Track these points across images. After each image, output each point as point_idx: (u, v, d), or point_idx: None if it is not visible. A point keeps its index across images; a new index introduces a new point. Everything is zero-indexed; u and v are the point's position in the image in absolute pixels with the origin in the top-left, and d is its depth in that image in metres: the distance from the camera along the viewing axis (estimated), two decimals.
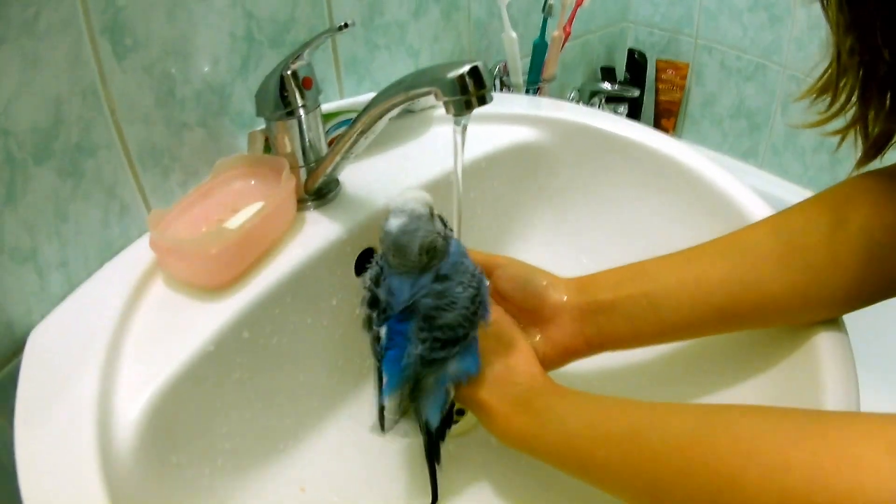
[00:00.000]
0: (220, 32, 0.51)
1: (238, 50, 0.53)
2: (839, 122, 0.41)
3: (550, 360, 0.47)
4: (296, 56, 0.46)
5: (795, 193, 0.98)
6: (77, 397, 0.38)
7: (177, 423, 0.40)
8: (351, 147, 0.45)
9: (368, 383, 0.56)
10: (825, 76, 0.41)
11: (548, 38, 0.79)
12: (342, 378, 0.54)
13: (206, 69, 0.51)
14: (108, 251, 0.49)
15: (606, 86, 0.95)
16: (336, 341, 0.52)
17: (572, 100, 0.98)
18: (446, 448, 0.50)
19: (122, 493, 0.35)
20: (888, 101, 0.38)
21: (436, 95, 0.38)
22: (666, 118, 1.12)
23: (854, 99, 0.39)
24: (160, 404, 0.39)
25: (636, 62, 1.07)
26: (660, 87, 1.09)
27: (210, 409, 0.43)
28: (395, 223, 0.39)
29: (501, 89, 0.82)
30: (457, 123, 0.39)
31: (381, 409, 0.43)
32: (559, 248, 0.67)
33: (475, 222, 0.63)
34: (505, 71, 0.80)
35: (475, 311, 0.41)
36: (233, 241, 0.43)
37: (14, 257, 0.42)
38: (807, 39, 0.91)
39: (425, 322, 0.40)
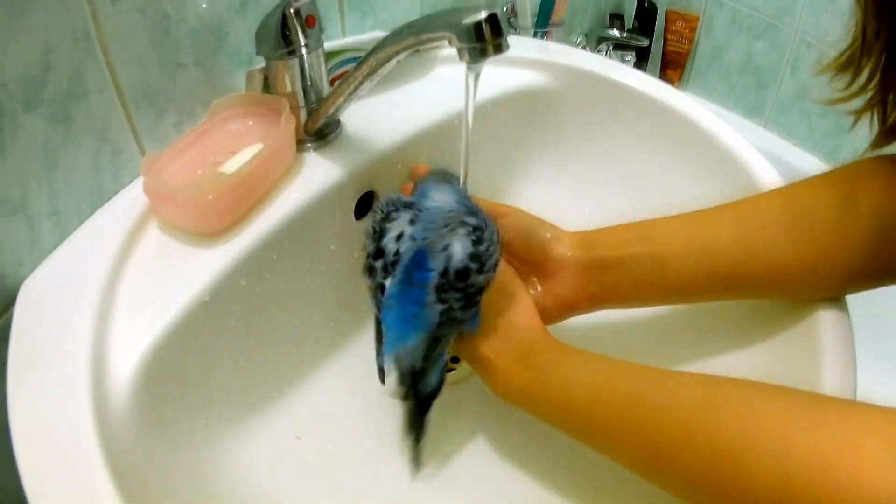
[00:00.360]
0: None
1: None
2: (857, 102, 0.40)
3: (550, 314, 0.46)
4: None
5: (798, 156, 0.97)
6: (70, 352, 0.37)
7: (172, 375, 0.40)
8: (355, 89, 0.44)
9: (365, 331, 0.55)
10: (847, 53, 0.40)
11: None
12: (339, 325, 0.54)
13: (203, 6, 0.48)
14: (100, 198, 0.47)
15: (615, 32, 0.92)
16: (333, 287, 0.52)
17: (579, 44, 0.95)
18: (442, 396, 0.51)
19: (117, 447, 0.35)
20: None
21: (450, 41, 0.36)
22: (672, 69, 1.09)
23: (875, 81, 0.39)
24: (154, 358, 0.38)
25: (646, 10, 1.04)
26: (668, 37, 1.06)
27: (205, 360, 0.42)
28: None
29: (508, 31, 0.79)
30: (470, 70, 0.37)
31: (381, 363, 0.42)
32: (561, 192, 0.66)
33: (478, 164, 0.60)
34: (512, 12, 0.77)
35: (496, 264, 0.40)
36: (230, 186, 0.42)
37: (3, 210, 0.41)
38: (821, 6, 0.88)
39: (458, 280, 0.37)
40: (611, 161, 0.63)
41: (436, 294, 0.37)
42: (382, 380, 0.42)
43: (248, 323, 0.45)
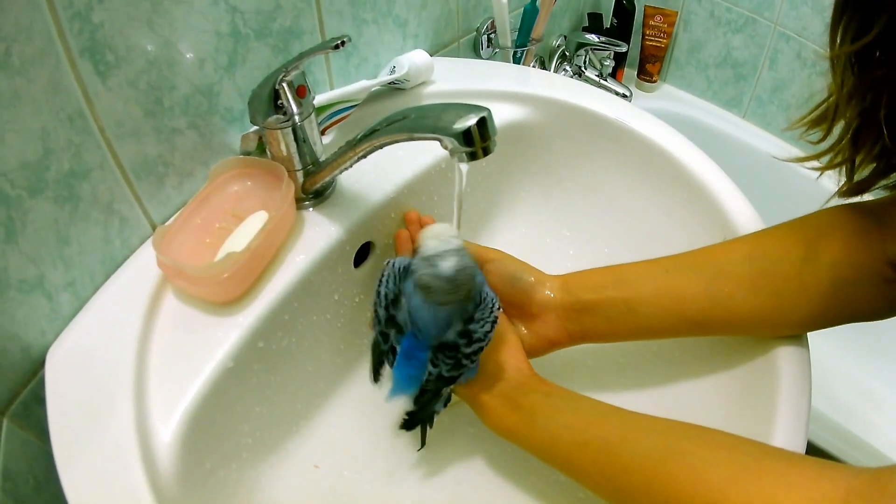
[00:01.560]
0: (204, 32, 0.49)
1: (224, 47, 0.51)
2: (825, 159, 0.43)
3: (535, 350, 0.51)
4: (290, 67, 0.45)
5: (777, 146, 0.99)
6: (115, 424, 0.40)
7: (206, 434, 0.43)
8: (350, 165, 0.47)
9: (365, 363, 0.58)
10: (820, 110, 0.42)
11: (538, 4, 0.77)
12: (344, 361, 0.57)
13: (192, 72, 0.49)
14: (112, 263, 0.50)
15: (593, 37, 0.93)
16: (338, 329, 0.55)
17: (558, 47, 0.96)
18: (440, 419, 0.54)
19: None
20: (878, 149, 0.39)
21: (441, 143, 0.38)
22: (651, 63, 1.10)
23: (846, 140, 0.41)
24: (191, 422, 0.41)
25: (624, 8, 1.04)
26: (647, 32, 1.07)
27: (232, 414, 0.46)
28: (448, 265, 0.40)
29: (488, 47, 0.80)
30: (459, 171, 0.40)
31: (377, 370, 0.47)
32: (545, 221, 0.69)
33: (464, 201, 0.63)
34: (492, 28, 0.78)
35: (489, 333, 0.44)
36: (242, 262, 0.44)
37: (21, 289, 0.43)
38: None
39: (449, 351, 0.43)
40: (593, 193, 0.66)
41: (430, 362, 0.43)
42: (375, 379, 0.47)
43: (267, 376, 0.48)
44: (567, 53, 0.96)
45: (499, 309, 0.44)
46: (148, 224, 0.51)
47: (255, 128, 0.51)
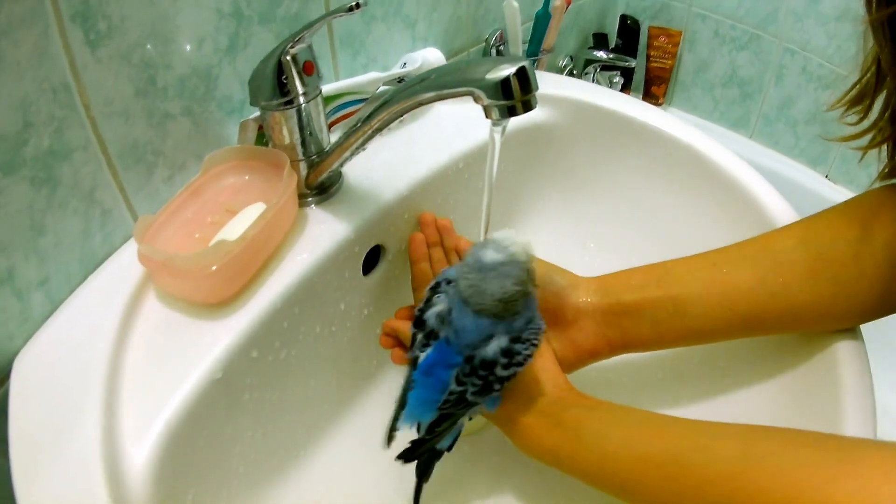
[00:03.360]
0: (205, 9, 0.45)
1: (225, 28, 0.47)
2: (868, 138, 0.41)
3: (570, 363, 0.45)
4: (296, 39, 0.40)
5: (786, 164, 0.97)
6: (80, 441, 0.34)
7: (188, 457, 0.37)
8: (364, 143, 0.41)
9: (375, 386, 0.53)
10: (858, 88, 0.40)
11: (550, 9, 0.74)
12: (352, 383, 0.51)
13: (189, 51, 0.45)
14: (91, 262, 0.44)
15: (602, 54, 0.91)
16: (344, 346, 0.49)
17: (565, 67, 0.94)
18: (459, 448, 0.49)
19: None
20: None
21: (474, 98, 0.33)
22: (656, 85, 1.09)
23: (886, 116, 0.39)
24: (169, 442, 0.35)
25: (629, 28, 1.03)
26: (651, 53, 1.06)
27: (221, 436, 0.39)
28: (490, 255, 0.35)
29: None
30: (496, 125, 0.35)
31: (393, 427, 0.40)
32: (565, 229, 0.64)
33: (478, 209, 0.59)
34: (501, 40, 0.75)
35: (529, 358, 0.38)
36: (234, 254, 0.39)
37: None
38: (803, 12, 0.89)
39: (483, 369, 0.37)
40: (616, 195, 0.62)
41: (455, 379, 0.37)
42: (389, 440, 0.41)
43: (263, 394, 0.42)
44: (575, 72, 0.94)
45: (543, 333, 0.39)
46: (132, 219, 0.46)
47: (255, 115, 0.47)
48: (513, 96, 0.32)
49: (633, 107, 0.60)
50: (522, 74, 0.32)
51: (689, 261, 0.45)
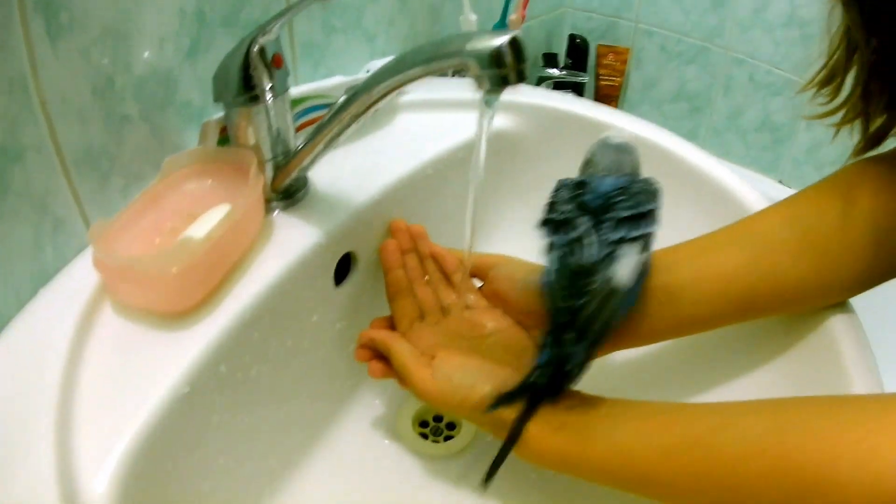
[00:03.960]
0: (167, 9, 0.43)
1: (187, 30, 0.45)
2: (841, 114, 0.42)
3: None
4: (265, 29, 0.39)
5: (739, 173, 1.00)
6: (32, 473, 0.30)
7: (154, 484, 0.33)
8: (339, 134, 0.39)
9: (352, 406, 0.51)
10: (826, 69, 0.41)
11: (507, 21, 0.76)
12: (327, 406, 0.49)
13: (149, 53, 0.43)
14: (42, 277, 0.40)
15: (554, 72, 0.93)
16: (319, 363, 0.47)
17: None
18: (447, 468, 0.47)
19: None
20: (889, 95, 0.38)
21: (466, 68, 0.33)
22: (606, 103, 1.11)
23: (857, 93, 0.40)
24: (131, 468, 0.32)
25: (578, 47, 1.06)
26: (600, 72, 1.09)
27: (189, 463, 0.36)
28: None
29: (453, 76, 0.78)
30: (487, 104, 0.34)
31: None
32: (535, 242, 0.64)
33: (450, 217, 0.58)
34: None
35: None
36: (198, 256, 0.36)
37: None
38: (750, 22, 0.93)
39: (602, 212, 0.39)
40: None
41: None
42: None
43: (234, 416, 0.39)
44: None
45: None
46: (86, 230, 0.43)
47: (218, 116, 0.45)
48: (506, 65, 0.31)
49: (601, 111, 0.60)
50: (515, 44, 0.32)
51: (677, 249, 0.45)
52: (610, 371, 0.51)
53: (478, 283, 0.48)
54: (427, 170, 0.53)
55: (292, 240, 0.43)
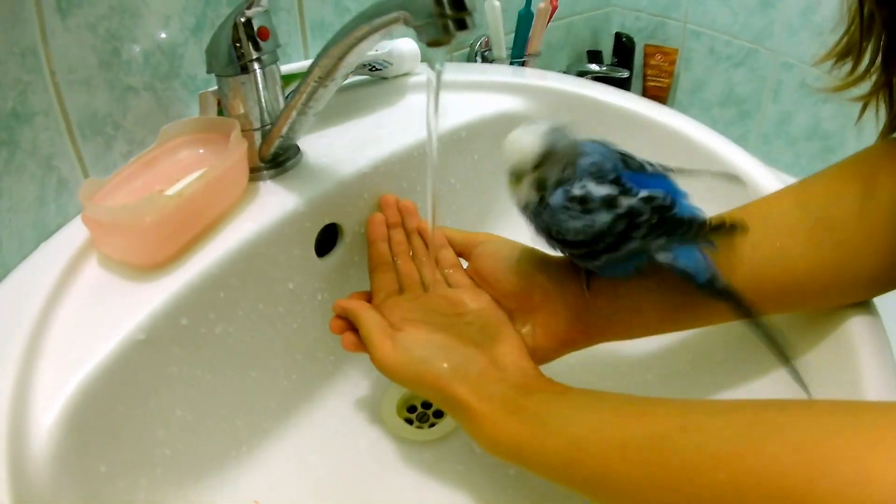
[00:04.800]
0: None
1: (192, 7, 0.48)
2: (863, 88, 0.37)
3: (542, 352, 0.41)
4: (250, 2, 0.40)
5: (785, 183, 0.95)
6: None
7: (104, 425, 0.34)
8: (308, 100, 0.40)
9: (333, 388, 0.50)
10: (845, 38, 0.37)
11: (533, 9, 0.74)
12: (305, 381, 0.48)
13: (156, 28, 0.46)
14: (45, 231, 0.43)
15: (594, 66, 0.91)
16: (294, 332, 0.47)
17: None
18: (422, 456, 0.46)
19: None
20: None
21: (405, 21, 0.32)
22: None
23: (877, 63, 0.36)
24: (81, 404, 0.33)
25: (624, 46, 1.03)
26: (648, 73, 1.06)
27: (143, 410, 0.37)
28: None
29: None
30: (432, 60, 0.34)
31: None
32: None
33: (453, 199, 0.58)
34: (487, 46, 0.75)
35: None
36: (170, 209, 0.37)
37: None
38: (799, 24, 0.88)
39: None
40: None
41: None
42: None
43: (194, 370, 0.40)
44: None
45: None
46: (80, 187, 0.46)
47: (214, 88, 0.47)
48: (445, 14, 0.30)
49: (614, 95, 0.58)
50: None
51: None
52: (609, 371, 0.49)
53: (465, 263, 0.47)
54: (424, 147, 0.52)
55: (272, 206, 0.44)
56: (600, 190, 0.36)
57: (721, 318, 0.41)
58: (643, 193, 0.36)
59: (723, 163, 0.51)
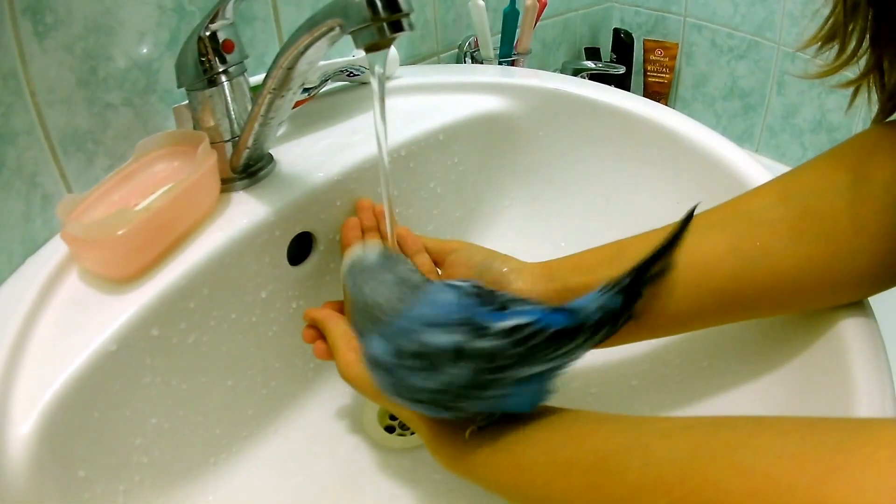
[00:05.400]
0: (147, 4, 0.47)
1: (166, 23, 0.49)
2: (851, 73, 0.35)
3: None
4: (213, 15, 0.41)
5: None
6: None
7: (80, 433, 0.35)
8: (268, 111, 0.40)
9: (310, 389, 0.51)
10: (830, 20, 0.35)
11: (519, 7, 0.74)
12: (284, 388, 0.49)
13: (131, 45, 0.47)
14: (32, 245, 0.45)
15: (590, 64, 0.90)
16: (270, 341, 0.47)
17: None
18: (401, 463, 0.45)
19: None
20: None
21: (341, 28, 0.32)
22: (655, 100, 1.06)
23: (865, 44, 0.34)
24: (57, 413, 0.34)
25: (622, 42, 1.02)
26: (648, 68, 1.04)
27: (119, 418, 0.38)
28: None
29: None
30: (371, 64, 0.33)
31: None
32: (535, 230, 0.61)
33: (435, 203, 0.58)
34: (476, 46, 0.75)
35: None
36: (139, 222, 0.38)
37: None
38: (800, 13, 0.86)
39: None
40: (590, 189, 0.59)
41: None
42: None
43: (168, 378, 0.40)
44: None
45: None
46: (59, 204, 0.47)
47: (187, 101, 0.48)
48: (379, 16, 0.30)
49: (600, 91, 0.57)
50: None
51: (648, 235, 0.40)
52: (593, 377, 0.48)
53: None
54: (400, 151, 0.52)
55: (243, 216, 0.44)
56: (442, 339, 0.30)
57: (704, 324, 0.40)
58: (500, 326, 0.30)
59: (719, 163, 0.50)
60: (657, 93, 1.05)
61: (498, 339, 0.30)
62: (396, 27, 0.31)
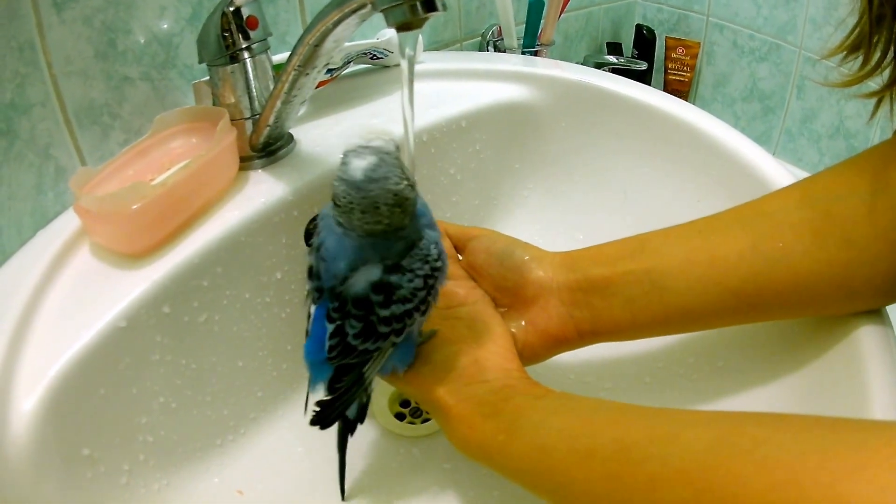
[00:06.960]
0: None
1: None
2: (875, 83, 0.35)
3: (533, 351, 0.40)
4: None
5: None
6: None
7: (85, 410, 0.35)
8: (291, 88, 0.39)
9: None
10: (856, 31, 0.35)
11: None
12: (291, 366, 0.48)
13: (151, 18, 0.46)
14: (43, 218, 0.44)
15: (612, 58, 0.89)
16: (282, 322, 0.46)
17: None
18: (411, 451, 0.45)
19: (18, 492, 0.31)
20: None
21: (372, 4, 0.31)
22: None
23: (890, 55, 0.34)
24: (62, 389, 0.33)
25: (644, 38, 1.01)
26: (669, 66, 1.03)
27: (126, 396, 0.37)
28: (358, 164, 0.30)
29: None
30: (402, 44, 0.33)
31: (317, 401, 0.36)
32: (552, 222, 0.61)
33: (453, 192, 0.57)
34: (499, 35, 0.74)
35: (426, 298, 0.34)
36: (154, 197, 0.37)
37: None
38: (822, 19, 0.84)
39: (355, 307, 0.32)
40: (609, 182, 0.58)
41: (327, 318, 0.32)
42: (305, 409, 0.37)
43: (178, 357, 0.40)
44: None
45: (437, 259, 0.33)
46: (73, 176, 0.46)
47: (207, 77, 0.47)
48: None
49: (623, 84, 0.56)
50: None
51: (671, 230, 0.40)
52: (606, 373, 0.47)
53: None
54: (422, 136, 0.52)
55: (261, 194, 0.44)
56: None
57: (722, 323, 0.40)
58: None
59: (740, 161, 0.49)
60: (677, 91, 1.04)
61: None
62: (430, 6, 0.30)
